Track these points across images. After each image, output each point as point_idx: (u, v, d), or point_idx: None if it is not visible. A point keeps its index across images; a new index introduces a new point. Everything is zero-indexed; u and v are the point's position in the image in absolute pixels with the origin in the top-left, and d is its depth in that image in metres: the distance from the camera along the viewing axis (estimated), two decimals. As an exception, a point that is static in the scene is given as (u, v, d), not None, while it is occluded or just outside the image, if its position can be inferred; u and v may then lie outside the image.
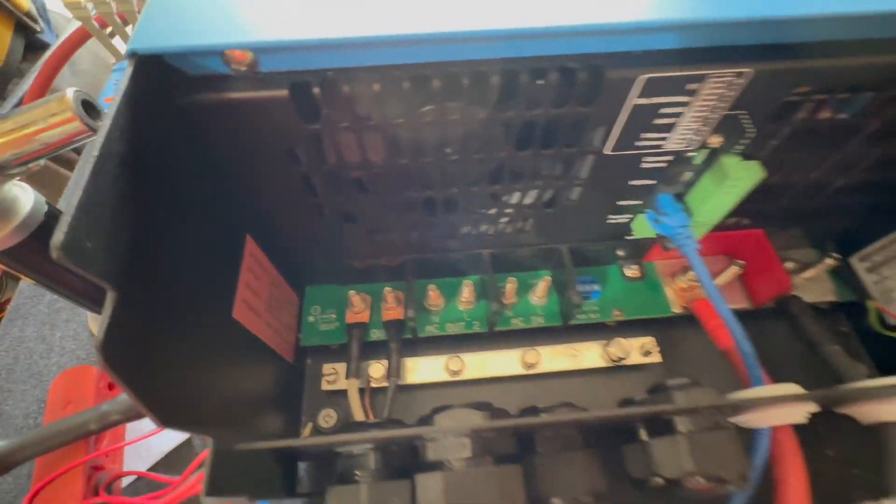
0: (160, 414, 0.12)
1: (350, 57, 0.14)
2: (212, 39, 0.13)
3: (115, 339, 0.10)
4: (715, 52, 0.15)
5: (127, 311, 0.11)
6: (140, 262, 0.12)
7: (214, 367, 0.16)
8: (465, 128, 0.16)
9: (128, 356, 0.11)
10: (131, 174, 0.12)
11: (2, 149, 0.17)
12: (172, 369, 0.13)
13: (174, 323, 0.14)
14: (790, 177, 0.21)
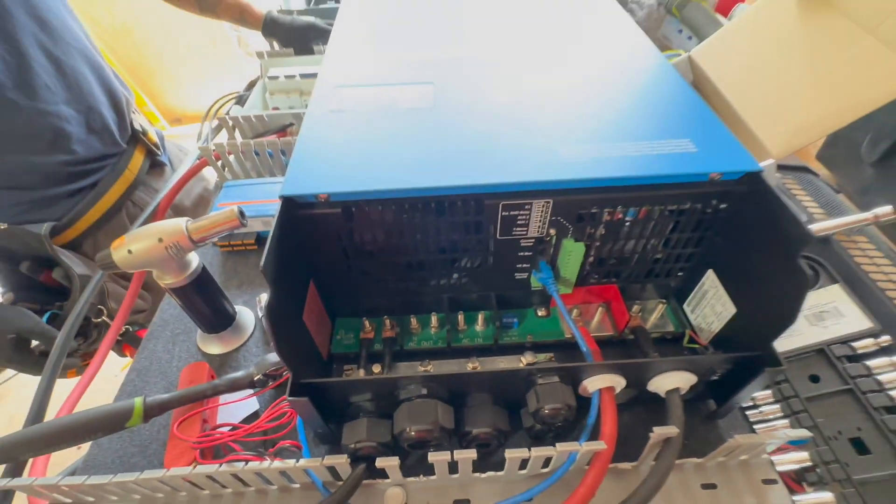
0: (279, 346, 0.27)
1: (367, 195, 0.32)
2: (311, 190, 0.31)
3: (271, 310, 0.27)
4: (535, 192, 0.32)
5: (274, 300, 0.27)
6: (280, 280, 0.29)
7: (298, 339, 0.32)
8: (426, 233, 0.34)
9: (274, 318, 0.27)
10: (282, 243, 0.29)
11: (200, 236, 0.36)
12: (285, 331, 0.29)
13: (286, 310, 0.30)
14: (613, 251, 0.38)
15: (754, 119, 0.46)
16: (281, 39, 0.82)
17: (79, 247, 0.71)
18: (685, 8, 0.80)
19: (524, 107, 0.38)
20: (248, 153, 0.60)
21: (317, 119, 0.37)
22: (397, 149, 0.34)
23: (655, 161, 0.32)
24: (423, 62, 0.45)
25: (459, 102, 0.39)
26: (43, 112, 0.61)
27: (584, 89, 0.40)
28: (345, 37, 0.51)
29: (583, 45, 0.47)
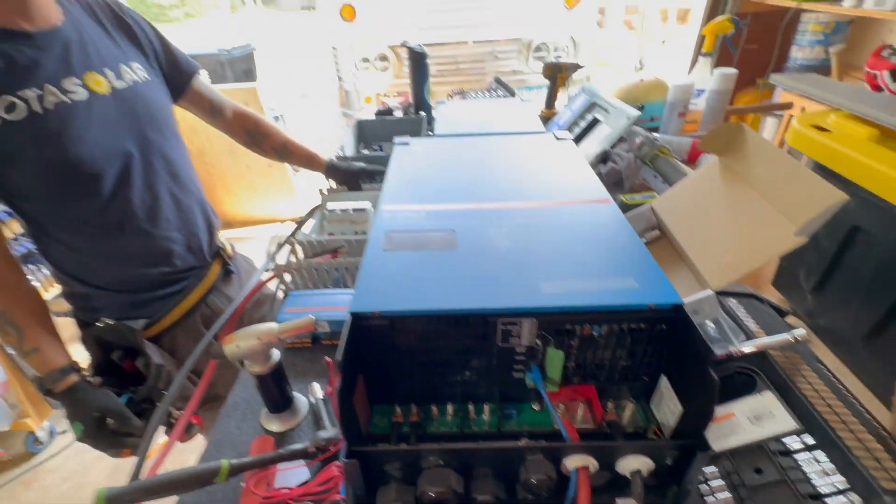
0: (342, 420, 0.40)
1: (407, 312, 0.46)
2: (369, 308, 0.46)
3: (342, 394, 0.40)
4: (525, 314, 0.46)
5: (344, 387, 0.40)
6: (346, 366, 0.42)
7: (350, 418, 0.44)
8: (447, 340, 0.48)
9: (342, 400, 0.40)
10: (349, 340, 0.43)
11: (286, 337, 0.50)
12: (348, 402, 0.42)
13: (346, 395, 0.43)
14: (587, 358, 0.50)
15: (697, 258, 0.61)
16: (338, 180, 1.05)
17: (159, 341, 0.87)
18: (656, 160, 1.01)
19: (517, 250, 0.54)
20: (308, 270, 0.78)
21: (373, 256, 0.54)
22: (430, 280, 0.49)
23: (609, 294, 0.46)
24: (448, 213, 0.63)
25: (474, 245, 0.55)
26: (161, 237, 0.81)
27: (559, 236, 0.56)
28: (391, 189, 0.70)
29: (558, 197, 0.65)
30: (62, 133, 0.68)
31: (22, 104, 0.64)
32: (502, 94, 1.68)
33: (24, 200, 0.71)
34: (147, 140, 0.78)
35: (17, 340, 0.69)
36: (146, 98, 0.78)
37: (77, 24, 0.72)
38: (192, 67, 0.91)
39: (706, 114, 1.41)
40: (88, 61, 0.72)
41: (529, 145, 0.86)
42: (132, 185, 0.76)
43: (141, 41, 0.82)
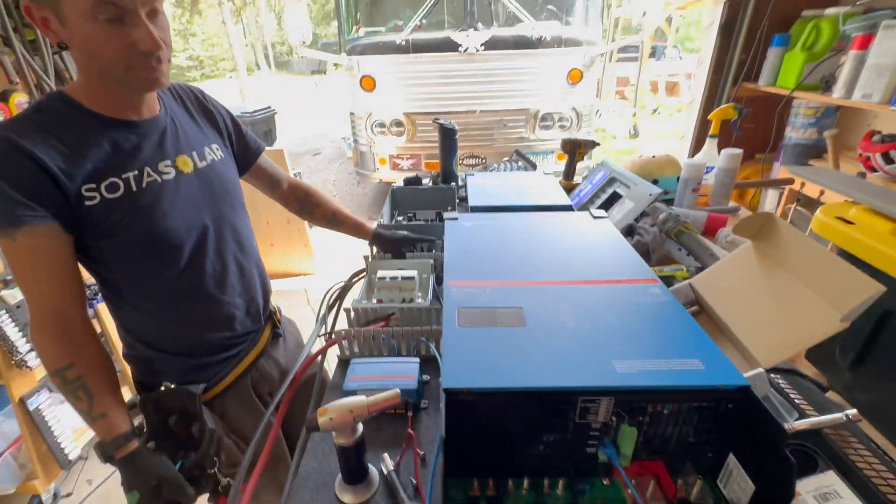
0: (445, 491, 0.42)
1: (492, 390, 0.50)
2: (458, 384, 0.50)
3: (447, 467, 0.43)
4: (604, 392, 0.50)
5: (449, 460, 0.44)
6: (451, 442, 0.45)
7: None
8: (527, 415, 0.51)
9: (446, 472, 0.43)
10: (449, 416, 0.46)
11: (374, 410, 0.53)
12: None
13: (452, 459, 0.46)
14: (656, 434, 0.53)
15: (745, 337, 0.66)
16: (382, 248, 1.11)
17: (210, 405, 0.88)
18: (682, 236, 1.08)
19: (583, 328, 0.58)
20: (366, 337, 0.81)
21: (451, 332, 0.58)
22: (509, 356, 0.53)
23: (679, 374, 0.50)
24: (510, 289, 0.68)
25: (542, 322, 0.60)
26: (226, 303, 0.85)
27: (620, 315, 0.61)
28: (453, 264, 0.76)
29: (609, 276, 0.70)
30: (153, 209, 0.74)
31: (122, 184, 0.72)
32: (523, 166, 1.80)
33: (109, 269, 0.76)
34: (220, 213, 0.84)
35: (88, 405, 0.70)
36: (221, 175, 0.86)
37: (171, 113, 0.81)
38: (259, 147, 1.01)
39: (716, 188, 1.52)
40: (179, 145, 0.80)
41: (570, 222, 0.94)
42: (206, 254, 0.81)
43: (219, 125, 0.91)
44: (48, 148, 0.66)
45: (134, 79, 0.68)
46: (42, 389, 1.52)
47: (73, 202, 0.68)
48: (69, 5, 0.62)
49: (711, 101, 2.06)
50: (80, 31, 0.63)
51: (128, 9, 0.63)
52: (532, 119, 3.75)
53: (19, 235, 0.65)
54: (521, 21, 3.52)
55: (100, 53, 0.65)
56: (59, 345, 0.70)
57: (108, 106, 0.72)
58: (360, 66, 3.69)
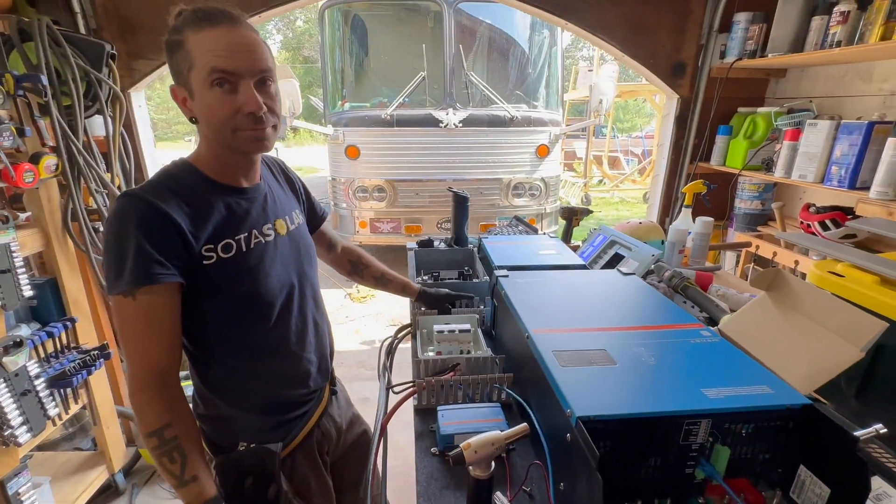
0: None
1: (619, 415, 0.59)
2: (589, 413, 0.58)
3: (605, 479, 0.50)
4: (703, 415, 0.60)
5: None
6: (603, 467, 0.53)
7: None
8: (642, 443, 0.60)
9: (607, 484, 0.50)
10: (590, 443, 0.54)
11: (507, 442, 0.60)
12: None
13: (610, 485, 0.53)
14: (738, 453, 0.63)
15: (779, 370, 0.79)
16: (427, 304, 1.19)
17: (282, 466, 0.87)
18: (687, 290, 1.25)
19: (664, 365, 0.69)
20: (444, 385, 0.87)
21: (558, 372, 0.67)
22: (619, 389, 0.63)
23: (757, 398, 0.62)
24: (588, 335, 0.78)
25: (628, 361, 0.70)
26: (304, 359, 0.89)
27: (690, 353, 0.73)
28: (528, 315, 0.85)
29: (663, 321, 0.83)
30: (257, 268, 0.80)
31: (234, 244, 0.77)
32: (524, 230, 1.98)
33: (205, 327, 0.78)
34: (303, 272, 0.90)
35: (181, 468, 0.69)
36: (304, 237, 0.94)
37: (267, 180, 0.89)
38: (325, 214, 1.10)
39: (694, 250, 1.75)
40: (277, 210, 0.87)
41: (606, 278, 1.08)
42: (291, 311, 0.86)
43: (298, 193, 1.00)
44: (179, 211, 0.72)
45: (240, 140, 0.75)
46: (23, 470, 1.36)
47: (195, 261, 0.73)
48: (195, 79, 0.71)
49: (673, 176, 2.40)
50: (200, 101, 0.73)
51: (238, 76, 0.71)
52: (505, 188, 4.07)
53: (140, 293, 0.68)
54: (495, 103, 3.94)
55: (213, 118, 0.73)
56: (161, 404, 0.71)
57: (222, 173, 0.80)
58: (345, 136, 3.90)
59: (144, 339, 0.70)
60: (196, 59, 0.70)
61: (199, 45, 0.70)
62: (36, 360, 1.39)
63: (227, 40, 0.70)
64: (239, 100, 0.72)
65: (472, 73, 3.93)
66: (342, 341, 3.14)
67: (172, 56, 0.73)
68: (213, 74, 0.70)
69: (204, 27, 0.70)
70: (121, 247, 0.68)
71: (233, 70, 0.71)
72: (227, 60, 0.70)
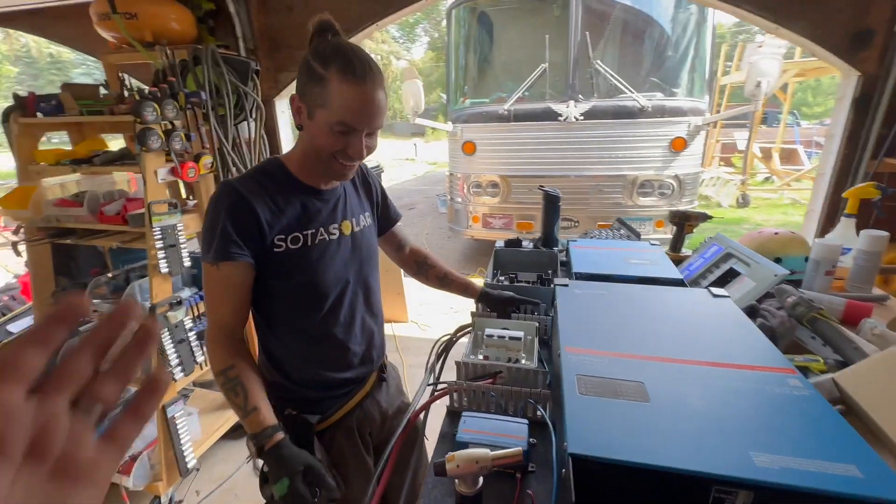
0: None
1: (621, 461, 0.51)
2: (585, 451, 0.51)
3: None
4: (741, 484, 0.48)
5: None
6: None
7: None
8: (655, 499, 0.51)
9: None
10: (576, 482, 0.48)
11: (497, 464, 0.56)
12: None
13: None
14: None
15: (909, 448, 0.59)
16: (489, 306, 1.17)
17: (321, 437, 0.97)
18: (816, 323, 0.99)
19: (713, 412, 0.57)
20: (476, 392, 0.86)
21: (572, 399, 0.60)
22: (636, 430, 0.54)
23: (832, 479, 0.47)
24: (630, 362, 0.69)
25: (667, 400, 0.60)
26: (349, 349, 0.97)
27: (755, 404, 0.58)
28: (568, 331, 0.78)
29: (738, 360, 0.67)
30: (317, 262, 0.91)
31: (302, 238, 0.89)
32: (625, 234, 1.79)
33: (272, 304, 0.92)
34: (360, 272, 0.99)
35: (244, 400, 0.82)
36: (367, 239, 1.02)
37: (345, 184, 1.00)
38: (397, 216, 1.18)
39: (854, 273, 1.37)
40: (345, 212, 0.98)
41: (687, 299, 0.92)
42: (342, 305, 0.95)
43: (373, 197, 1.09)
44: (262, 203, 0.85)
45: (330, 169, 0.87)
46: (179, 400, 1.76)
47: (267, 247, 0.85)
48: (322, 115, 0.80)
49: (844, 176, 1.89)
50: (317, 128, 0.83)
51: (358, 130, 0.81)
52: (630, 186, 3.71)
53: (223, 265, 0.83)
54: (623, 92, 3.61)
55: (321, 144, 0.83)
56: (225, 351, 0.85)
57: (307, 175, 0.92)
58: (463, 132, 4.01)
59: (220, 301, 0.86)
60: (331, 104, 0.78)
61: (339, 93, 0.77)
62: (191, 316, 1.77)
63: (364, 101, 0.79)
64: (349, 142, 0.82)
65: (597, 61, 3.65)
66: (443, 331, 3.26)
67: (309, 81, 0.81)
68: (340, 126, 0.80)
69: (349, 80, 0.77)
70: (213, 225, 0.83)
71: (357, 127, 0.80)
72: (356, 119, 0.79)
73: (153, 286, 1.61)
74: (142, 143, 1.48)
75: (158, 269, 1.59)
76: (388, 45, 19.27)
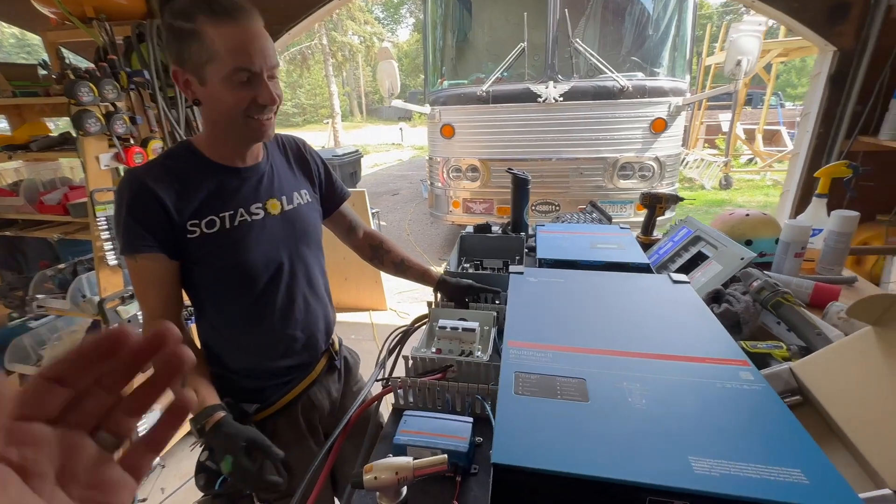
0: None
1: (549, 471, 0.46)
2: (509, 461, 0.46)
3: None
4: (677, 494, 0.43)
5: None
6: None
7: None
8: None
9: None
10: (495, 494, 0.43)
11: (420, 474, 0.51)
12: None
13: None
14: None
15: (864, 445, 0.55)
16: (446, 295, 1.12)
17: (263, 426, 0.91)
18: (781, 308, 0.95)
19: (655, 412, 0.52)
20: (422, 388, 0.80)
21: (506, 400, 0.55)
22: (568, 435, 0.49)
23: (774, 487, 0.42)
24: (574, 357, 0.63)
25: (607, 399, 0.55)
26: (287, 335, 0.91)
27: (700, 401, 0.54)
28: (514, 324, 0.73)
29: (689, 351, 0.63)
30: (238, 244, 0.84)
31: (218, 221, 0.82)
32: (597, 218, 1.74)
33: (198, 292, 0.87)
34: (297, 252, 0.92)
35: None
36: (305, 217, 0.95)
37: (272, 160, 0.93)
38: (344, 195, 1.10)
39: (825, 255, 1.34)
40: (272, 190, 0.90)
41: (646, 286, 0.87)
42: (277, 288, 0.89)
43: (313, 173, 1.01)
44: (169, 189, 0.78)
45: (249, 128, 0.79)
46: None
47: (178, 234, 0.79)
48: (212, 72, 0.74)
49: (819, 155, 1.86)
50: (215, 91, 0.75)
51: (255, 72, 0.75)
52: (610, 168, 3.66)
53: (139, 258, 0.78)
54: (603, 72, 3.53)
55: (227, 107, 0.76)
56: None
57: (221, 154, 0.85)
58: (441, 115, 3.90)
59: (145, 294, 0.81)
60: (218, 55, 0.72)
61: (220, 41, 0.71)
62: (146, 310, 1.68)
63: (248, 38, 0.73)
64: (255, 92, 0.76)
65: (577, 40, 3.55)
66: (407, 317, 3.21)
67: (181, 44, 0.75)
68: (239, 74, 0.73)
69: (223, 21, 0.71)
70: (118, 218, 0.79)
71: (255, 69, 0.74)
72: (250, 60, 0.73)
73: (101, 280, 1.52)
74: (78, 126, 1.37)
75: (105, 261, 1.50)
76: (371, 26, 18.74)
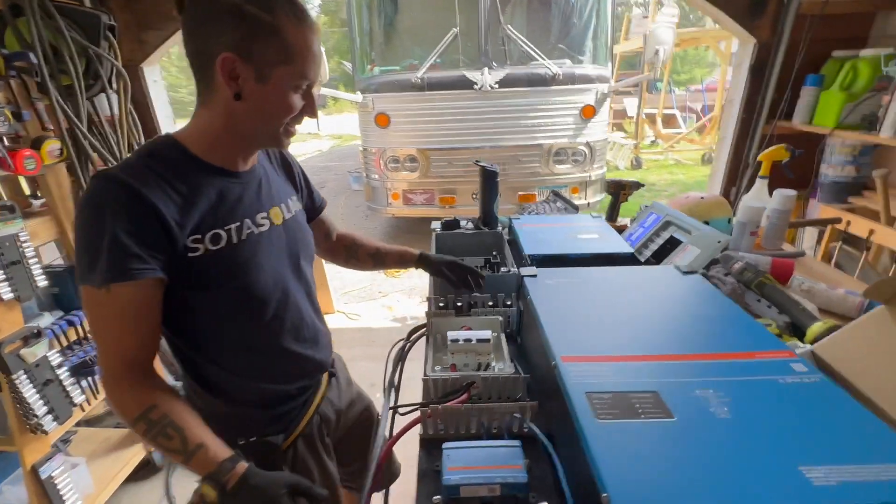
0: None
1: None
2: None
3: None
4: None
5: None
6: None
7: None
8: None
9: None
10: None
11: None
12: None
13: None
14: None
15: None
16: (429, 271, 1.05)
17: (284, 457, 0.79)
18: (764, 287, 1.02)
19: (742, 420, 0.50)
20: (453, 414, 0.73)
21: (591, 429, 0.50)
22: (677, 464, 0.45)
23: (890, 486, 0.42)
24: (634, 367, 0.60)
25: (689, 412, 0.52)
26: (300, 354, 0.80)
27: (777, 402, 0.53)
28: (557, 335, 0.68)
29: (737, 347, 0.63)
30: (249, 261, 0.70)
31: (224, 235, 0.67)
32: (563, 207, 1.75)
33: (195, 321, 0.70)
34: (297, 264, 0.81)
35: (181, 441, 0.60)
36: (300, 226, 0.83)
37: (262, 165, 0.79)
38: (323, 202, 0.99)
39: (769, 230, 1.47)
40: (272, 197, 0.77)
41: (659, 279, 0.87)
42: (287, 307, 0.77)
43: (296, 179, 0.89)
44: (163, 196, 0.62)
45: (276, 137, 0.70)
46: (55, 454, 1.39)
47: (179, 254, 0.63)
48: (281, 73, 0.64)
49: (743, 139, 2.05)
50: (273, 92, 0.65)
51: (311, 84, 0.69)
52: (546, 154, 3.76)
53: (117, 288, 0.59)
54: (535, 60, 3.59)
55: (278, 110, 0.67)
56: (138, 391, 0.62)
57: (220, 156, 0.69)
58: (374, 103, 3.72)
59: (120, 332, 0.62)
60: (294, 59, 0.64)
61: (300, 45, 0.64)
62: (58, 348, 1.38)
63: (318, 49, 0.67)
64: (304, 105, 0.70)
65: (508, 26, 3.57)
66: (374, 319, 3.09)
67: (253, 35, 0.61)
68: (305, 82, 0.67)
69: (304, 26, 0.64)
70: (95, 236, 0.59)
71: (314, 80, 0.69)
72: (315, 71, 0.68)
73: (-7, 318, 1.21)
74: (-61, 125, 1.06)
75: (-2, 295, 1.19)
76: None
